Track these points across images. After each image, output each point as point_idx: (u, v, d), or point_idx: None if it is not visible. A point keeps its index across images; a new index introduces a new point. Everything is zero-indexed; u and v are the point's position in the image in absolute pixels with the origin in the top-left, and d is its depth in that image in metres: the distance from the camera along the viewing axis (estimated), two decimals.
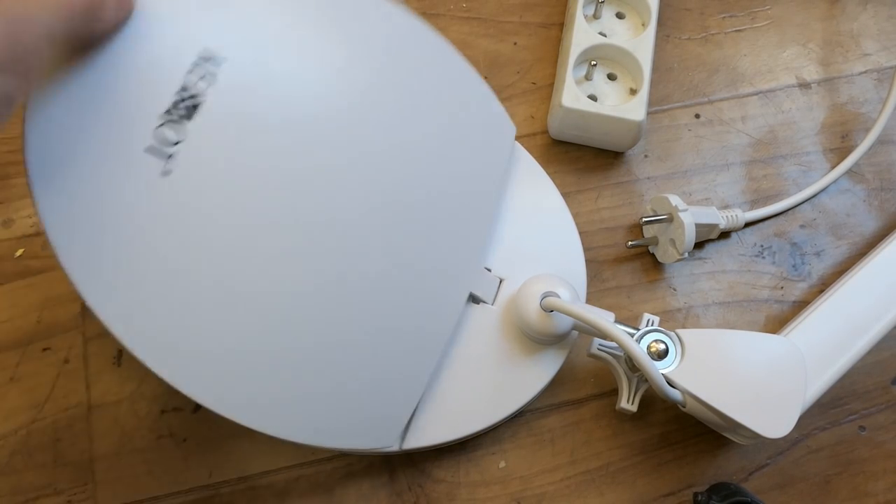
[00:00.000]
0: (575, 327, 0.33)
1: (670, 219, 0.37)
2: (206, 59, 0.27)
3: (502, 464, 0.35)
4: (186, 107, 0.26)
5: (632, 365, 0.32)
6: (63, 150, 0.25)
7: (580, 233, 0.37)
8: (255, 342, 0.32)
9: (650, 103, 0.41)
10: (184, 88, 0.26)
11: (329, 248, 0.31)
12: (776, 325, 0.38)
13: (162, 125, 0.26)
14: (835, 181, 0.40)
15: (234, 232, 0.27)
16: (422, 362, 0.33)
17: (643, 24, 0.41)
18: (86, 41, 0.24)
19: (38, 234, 0.37)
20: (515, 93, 0.41)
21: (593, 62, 0.39)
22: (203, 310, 0.28)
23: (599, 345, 0.33)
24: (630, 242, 0.38)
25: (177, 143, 0.26)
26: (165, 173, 0.26)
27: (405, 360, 0.33)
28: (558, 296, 0.32)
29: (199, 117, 0.26)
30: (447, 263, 0.33)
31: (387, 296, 0.33)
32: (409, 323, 0.33)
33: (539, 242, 0.36)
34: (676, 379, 0.31)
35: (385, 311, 0.33)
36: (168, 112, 0.26)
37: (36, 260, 0.37)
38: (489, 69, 0.42)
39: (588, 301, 0.36)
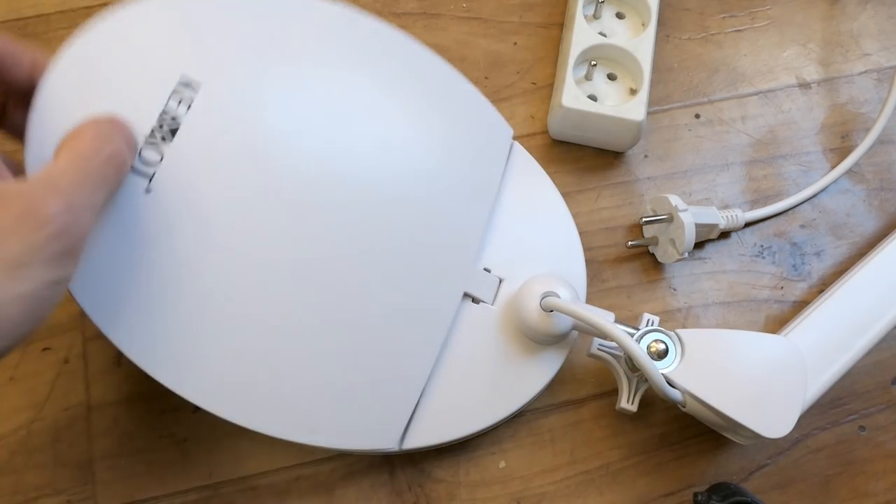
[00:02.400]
0: (575, 327, 0.33)
1: (670, 219, 0.37)
2: (185, 86, 0.29)
3: (502, 464, 0.35)
4: (167, 130, 0.28)
5: (632, 365, 0.32)
6: None
7: (580, 233, 0.37)
8: (252, 345, 0.33)
9: (650, 103, 0.41)
10: (164, 112, 0.28)
11: (319, 252, 0.32)
12: (776, 325, 0.38)
13: (144, 147, 0.28)
14: (835, 181, 0.40)
15: (216, 239, 0.29)
16: (419, 362, 0.33)
17: (643, 24, 0.41)
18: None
19: None
20: (515, 93, 0.41)
21: (593, 62, 0.39)
22: (194, 316, 0.29)
23: (599, 345, 0.33)
24: (630, 242, 0.38)
25: (158, 163, 0.28)
26: (147, 191, 0.28)
27: (402, 360, 0.33)
28: (558, 296, 0.32)
29: (176, 139, 0.28)
30: (440, 265, 0.34)
31: (381, 297, 0.33)
32: (403, 322, 0.33)
33: (539, 242, 0.36)
34: (676, 379, 0.31)
35: (379, 312, 0.33)
36: (151, 135, 0.28)
37: None
38: (489, 69, 0.42)
39: (588, 301, 0.36)
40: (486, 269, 0.35)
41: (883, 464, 0.36)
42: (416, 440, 0.32)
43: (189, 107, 0.29)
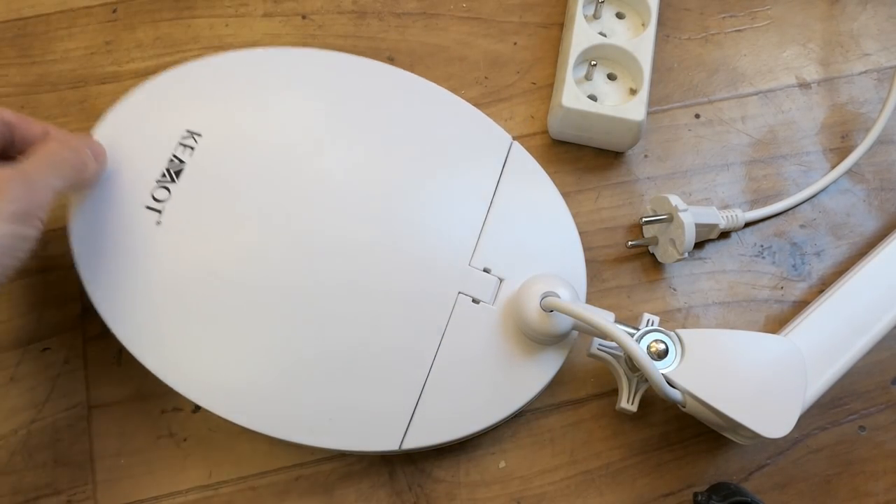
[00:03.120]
0: (575, 327, 0.33)
1: (670, 219, 0.37)
2: (189, 136, 0.35)
3: (502, 464, 0.35)
4: (174, 173, 0.34)
5: (632, 365, 0.32)
6: (93, 213, 0.33)
7: (580, 233, 0.37)
8: (253, 346, 0.33)
9: (650, 103, 0.41)
10: (172, 159, 0.34)
11: (313, 258, 0.34)
12: (776, 325, 0.38)
13: (156, 188, 0.34)
14: (835, 181, 0.40)
15: (214, 255, 0.34)
16: (417, 362, 0.33)
17: (643, 24, 0.41)
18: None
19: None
20: (515, 93, 0.41)
21: (593, 62, 0.39)
22: (198, 321, 0.33)
23: (599, 345, 0.33)
24: (630, 242, 0.38)
25: (165, 200, 0.34)
26: (158, 223, 0.33)
27: (401, 360, 0.33)
28: (558, 296, 0.32)
29: (181, 180, 0.34)
30: (436, 266, 0.34)
31: (378, 299, 0.34)
32: (401, 323, 0.33)
33: (539, 242, 0.36)
34: (676, 379, 0.31)
35: (377, 314, 0.33)
36: (161, 177, 0.34)
37: (36, 260, 0.37)
38: (489, 69, 0.42)
39: (588, 301, 0.36)
40: (485, 270, 0.35)
41: (883, 464, 0.36)
42: (416, 440, 0.32)
43: (192, 153, 0.35)
